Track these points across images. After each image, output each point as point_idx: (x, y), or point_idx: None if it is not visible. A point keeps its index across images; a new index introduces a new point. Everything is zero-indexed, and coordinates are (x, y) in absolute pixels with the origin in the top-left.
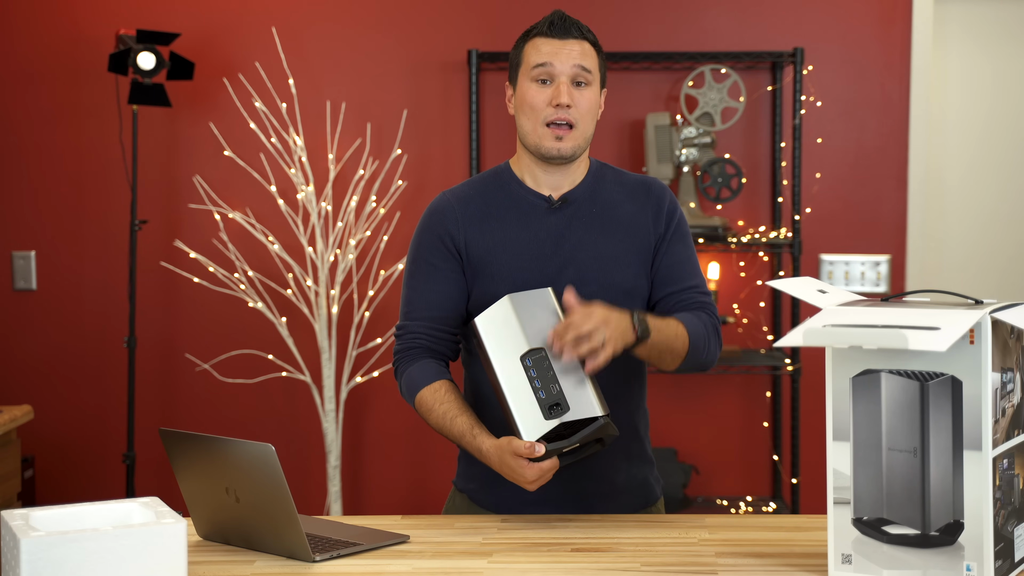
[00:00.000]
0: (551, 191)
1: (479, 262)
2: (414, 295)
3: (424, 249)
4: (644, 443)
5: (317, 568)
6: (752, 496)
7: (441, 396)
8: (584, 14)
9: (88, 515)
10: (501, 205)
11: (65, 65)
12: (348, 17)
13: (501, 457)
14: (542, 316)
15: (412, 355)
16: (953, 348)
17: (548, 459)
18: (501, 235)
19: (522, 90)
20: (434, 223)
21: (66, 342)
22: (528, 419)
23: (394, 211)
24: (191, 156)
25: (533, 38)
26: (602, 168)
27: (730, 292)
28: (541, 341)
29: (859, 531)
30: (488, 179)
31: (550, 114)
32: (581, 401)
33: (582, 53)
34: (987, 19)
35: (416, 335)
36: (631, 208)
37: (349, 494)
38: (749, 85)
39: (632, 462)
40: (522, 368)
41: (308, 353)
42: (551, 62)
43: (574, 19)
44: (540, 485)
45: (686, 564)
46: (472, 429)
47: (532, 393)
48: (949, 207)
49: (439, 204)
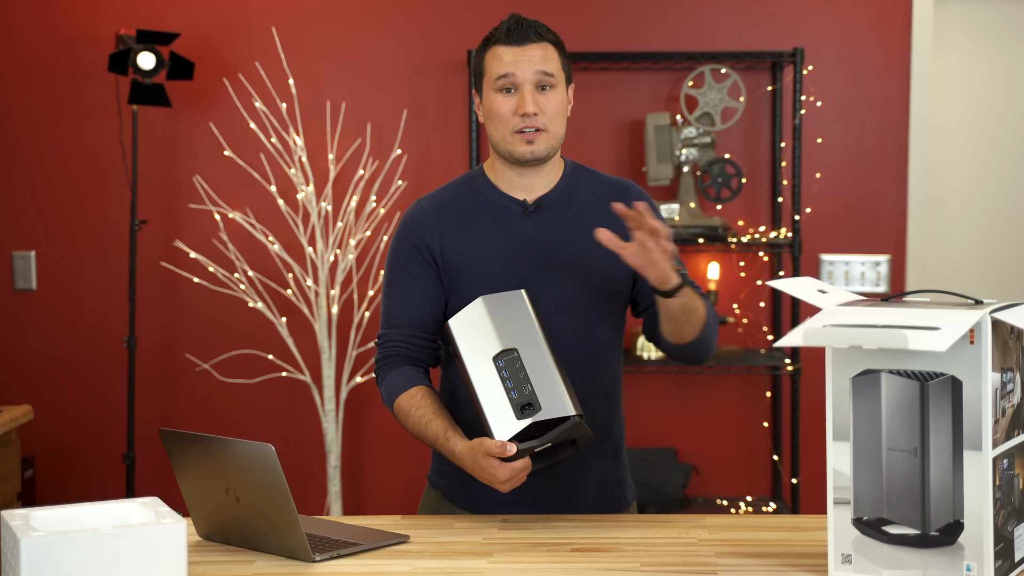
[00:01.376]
0: (525, 194)
1: (455, 268)
2: (393, 303)
3: (401, 257)
4: (619, 446)
5: (317, 568)
6: (752, 496)
7: (417, 402)
8: (584, 14)
9: (88, 515)
10: (476, 211)
11: (65, 65)
12: (348, 17)
13: (473, 458)
14: (515, 317)
15: (391, 363)
16: (953, 348)
17: (520, 459)
18: (476, 241)
19: (488, 100)
20: (409, 231)
21: (66, 342)
22: (500, 419)
23: (394, 211)
24: (191, 156)
25: (493, 46)
26: (577, 169)
27: (730, 292)
28: (514, 342)
29: (859, 531)
30: (463, 184)
31: (518, 123)
32: (553, 401)
33: (543, 57)
34: (987, 19)
35: (395, 343)
36: (607, 211)
37: (349, 494)
38: (749, 85)
39: (607, 465)
40: (495, 369)
41: (308, 353)
42: (513, 71)
43: (532, 21)
44: (513, 486)
45: (686, 564)
46: (446, 432)
47: (504, 393)
48: (949, 207)
49: (414, 212)
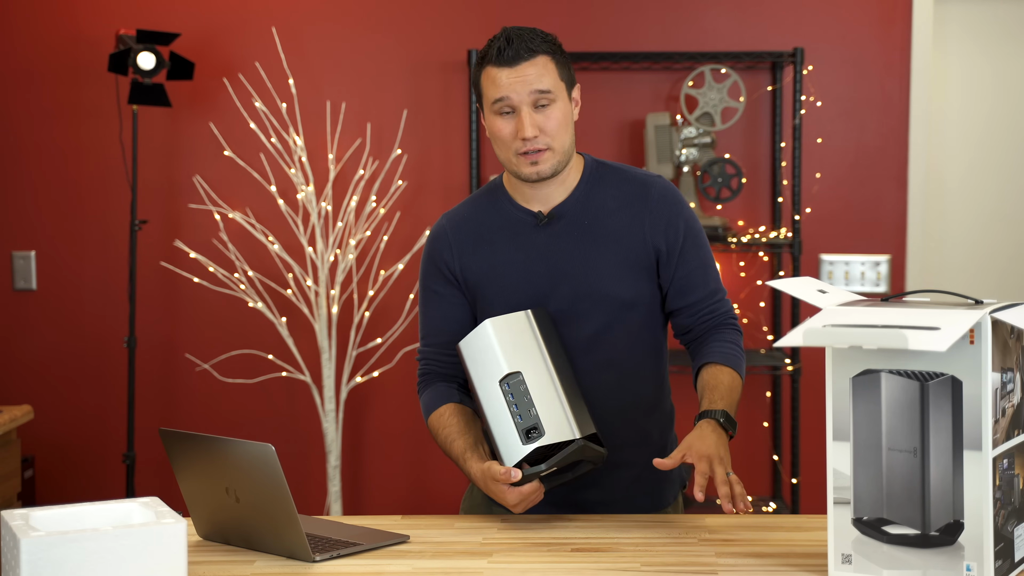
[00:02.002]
0: (541, 205)
1: (475, 286)
2: (425, 321)
3: (426, 277)
4: (656, 448)
5: (317, 568)
6: (752, 496)
7: (444, 420)
8: (584, 14)
9: (88, 515)
10: (493, 226)
11: (65, 65)
12: (348, 17)
13: (484, 482)
14: (520, 340)
15: (427, 380)
16: (953, 348)
17: (528, 483)
18: (493, 258)
19: (490, 123)
20: (432, 250)
21: (66, 342)
22: (508, 444)
23: (394, 211)
24: (191, 156)
25: (486, 67)
26: (599, 168)
27: (730, 292)
28: (519, 365)
29: (859, 531)
30: (483, 198)
31: (520, 145)
32: (557, 424)
33: (538, 75)
34: (987, 19)
35: (429, 361)
36: (625, 217)
37: (349, 494)
38: (749, 85)
39: (644, 467)
40: (500, 392)
41: (308, 353)
42: (508, 95)
43: (524, 34)
44: (526, 508)
45: (686, 564)
46: (464, 453)
47: (511, 418)
48: (949, 207)
49: (436, 230)
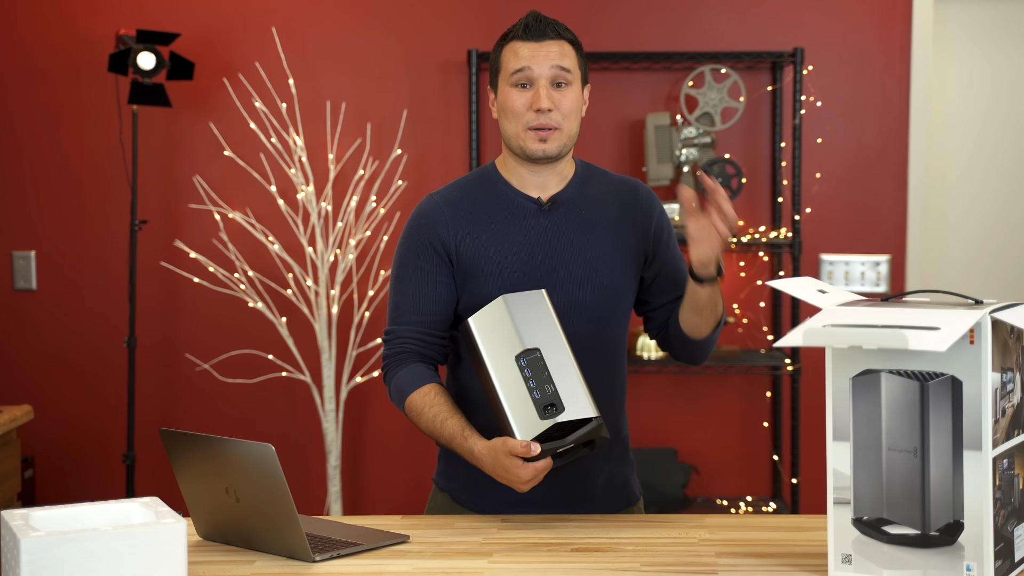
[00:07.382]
0: (538, 192)
1: (470, 265)
2: (403, 299)
3: (413, 253)
4: (626, 445)
5: (317, 568)
6: (752, 496)
7: (431, 399)
8: (584, 15)
9: (88, 515)
10: (490, 207)
11: (65, 65)
12: (348, 17)
13: (495, 458)
14: (537, 317)
15: (401, 359)
16: (953, 348)
17: (543, 459)
18: (492, 238)
19: (503, 95)
20: (423, 226)
21: (66, 342)
22: (523, 419)
23: (394, 211)
24: (191, 156)
25: (510, 42)
26: (588, 168)
27: (730, 292)
28: (536, 342)
29: (859, 531)
30: (475, 181)
31: (532, 119)
32: (576, 401)
33: (560, 53)
34: (987, 19)
35: (405, 340)
36: (619, 210)
37: (349, 494)
38: (749, 85)
39: (615, 464)
40: (517, 368)
41: (308, 353)
42: (529, 66)
43: (550, 19)
44: (532, 486)
45: (686, 564)
46: (463, 431)
47: (527, 393)
48: (949, 207)
49: (427, 207)
